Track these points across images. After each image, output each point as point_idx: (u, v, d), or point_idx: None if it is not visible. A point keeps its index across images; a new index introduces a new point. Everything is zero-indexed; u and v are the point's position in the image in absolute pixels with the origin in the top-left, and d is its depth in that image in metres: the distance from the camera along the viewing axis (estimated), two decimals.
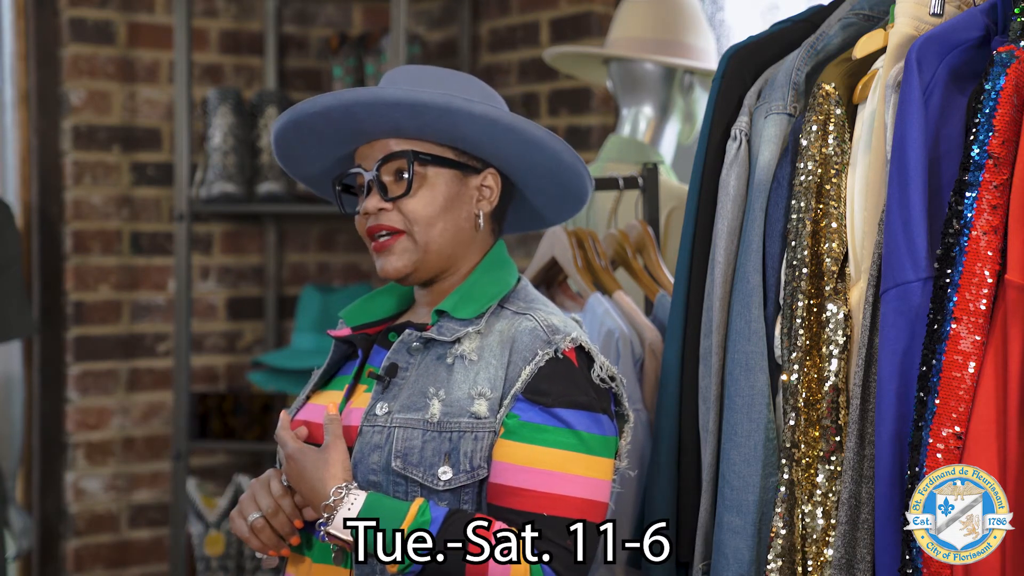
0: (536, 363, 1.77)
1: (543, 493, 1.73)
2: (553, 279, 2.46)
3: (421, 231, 1.82)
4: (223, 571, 3.72)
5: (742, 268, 1.92)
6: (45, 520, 3.81)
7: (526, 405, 1.76)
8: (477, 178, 1.86)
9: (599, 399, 1.79)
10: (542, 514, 1.73)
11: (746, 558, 1.88)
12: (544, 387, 1.76)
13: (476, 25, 3.97)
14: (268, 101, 3.81)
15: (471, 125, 1.80)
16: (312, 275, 4.17)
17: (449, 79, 1.87)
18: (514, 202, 1.94)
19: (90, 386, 3.85)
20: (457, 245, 1.85)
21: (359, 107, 1.80)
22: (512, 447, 1.75)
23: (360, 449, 1.78)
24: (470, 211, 1.86)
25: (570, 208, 1.96)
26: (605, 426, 1.79)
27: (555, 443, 1.75)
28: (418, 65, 1.90)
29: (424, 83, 1.84)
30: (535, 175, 1.89)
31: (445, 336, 1.81)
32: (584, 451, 1.76)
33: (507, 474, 1.75)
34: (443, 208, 1.83)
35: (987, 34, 1.74)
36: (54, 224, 3.79)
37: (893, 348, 1.69)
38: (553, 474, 1.74)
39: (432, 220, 1.82)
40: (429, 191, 1.82)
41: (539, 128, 1.83)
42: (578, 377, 1.78)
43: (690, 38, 2.99)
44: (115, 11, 3.83)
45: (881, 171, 1.78)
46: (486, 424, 1.76)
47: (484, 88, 1.89)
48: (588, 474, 1.76)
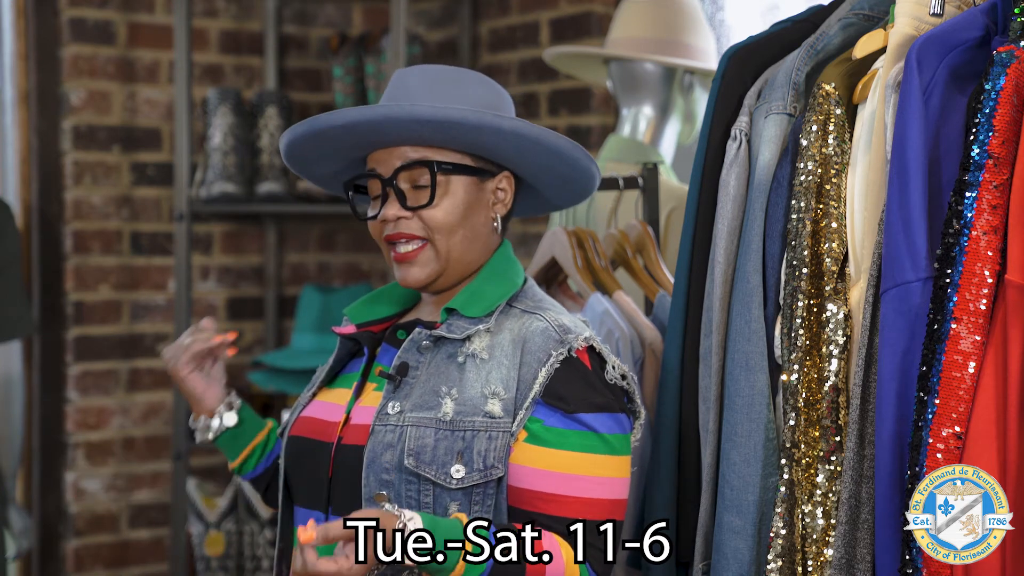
0: (551, 364, 1.78)
1: (575, 498, 1.75)
2: (553, 279, 2.46)
3: (442, 239, 1.82)
4: (223, 571, 3.72)
5: (742, 268, 1.92)
6: (45, 520, 3.81)
7: (548, 410, 1.77)
8: (493, 182, 1.86)
9: (616, 398, 1.81)
10: (577, 518, 1.74)
11: (746, 558, 1.88)
12: (562, 392, 1.77)
13: (476, 25, 3.97)
14: (268, 101, 3.81)
15: (498, 138, 1.81)
16: (312, 275, 4.17)
17: (465, 82, 1.86)
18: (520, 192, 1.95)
19: (90, 386, 3.85)
20: (476, 251, 1.86)
21: (388, 123, 1.79)
22: (540, 452, 1.76)
23: (372, 448, 1.78)
24: (487, 215, 1.86)
25: (577, 197, 1.98)
26: (624, 424, 1.81)
27: (582, 447, 1.76)
28: (431, 65, 1.89)
29: (441, 86, 1.84)
30: (549, 176, 1.90)
31: (455, 334, 1.81)
32: (610, 452, 1.78)
33: (536, 479, 1.76)
34: (463, 216, 1.83)
35: (987, 34, 1.74)
36: (54, 224, 3.79)
37: (893, 348, 1.69)
38: (584, 478, 1.76)
39: (453, 228, 1.83)
40: (450, 200, 1.82)
41: (560, 138, 1.84)
42: (593, 378, 1.79)
43: (690, 38, 2.99)
44: (115, 11, 3.83)
45: (881, 171, 1.78)
46: (500, 424, 1.76)
47: (495, 88, 1.89)
48: (615, 475, 1.78)
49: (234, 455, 2.02)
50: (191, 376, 1.98)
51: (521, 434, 1.77)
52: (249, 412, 2.03)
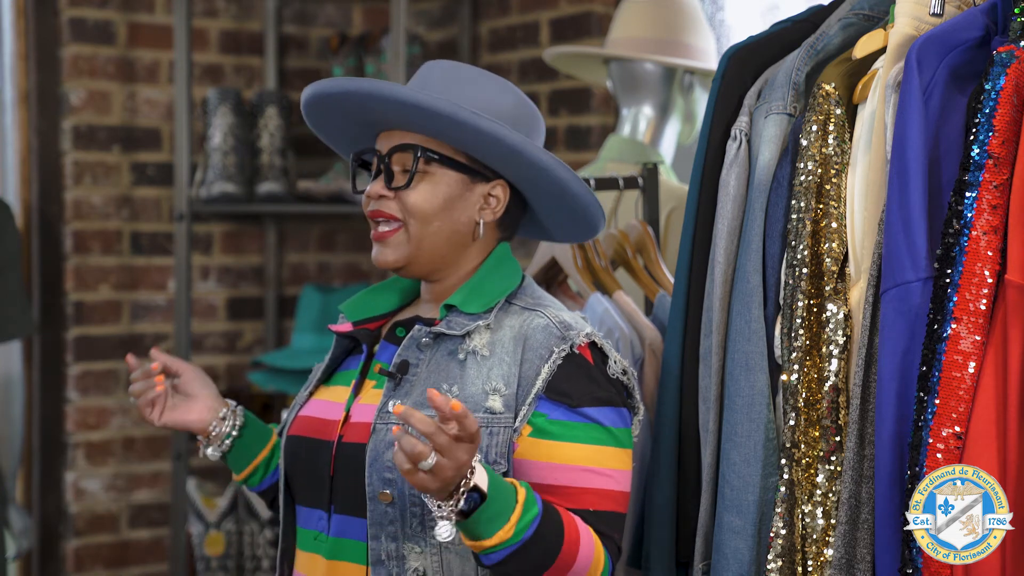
0: (553, 361, 1.78)
1: (586, 489, 1.76)
2: (553, 279, 2.46)
3: (416, 225, 1.83)
4: (223, 571, 3.72)
5: (742, 268, 1.92)
6: (45, 520, 3.81)
7: (551, 405, 1.78)
8: (485, 186, 1.86)
9: (618, 393, 1.82)
10: (589, 509, 1.75)
11: (746, 558, 1.88)
12: (565, 387, 1.78)
13: (476, 25, 3.97)
14: (268, 101, 3.81)
15: (478, 138, 1.80)
16: (312, 275, 4.17)
17: (481, 84, 1.86)
18: (529, 215, 1.94)
19: (90, 386, 3.84)
20: (452, 246, 1.86)
21: (372, 100, 1.82)
22: (547, 445, 1.77)
23: (375, 447, 1.78)
24: (471, 217, 1.86)
25: (581, 234, 1.97)
26: (626, 418, 1.82)
27: (589, 439, 1.77)
28: (460, 64, 1.89)
29: (457, 83, 1.84)
30: (543, 196, 1.89)
31: (455, 330, 1.82)
32: (616, 444, 1.79)
33: (544, 472, 1.77)
34: (442, 207, 1.83)
35: (987, 34, 1.74)
36: (54, 224, 3.79)
37: (893, 348, 1.69)
38: (592, 470, 1.76)
39: (428, 216, 1.83)
40: (430, 187, 1.83)
41: (546, 154, 1.83)
42: (595, 373, 1.80)
43: (690, 38, 2.99)
44: (115, 11, 3.83)
45: (881, 171, 1.78)
46: (502, 420, 1.77)
47: (522, 102, 1.88)
48: (621, 467, 1.80)
49: (238, 469, 2.01)
50: (165, 419, 1.94)
51: (525, 429, 1.77)
52: (252, 426, 2.00)
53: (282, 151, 3.81)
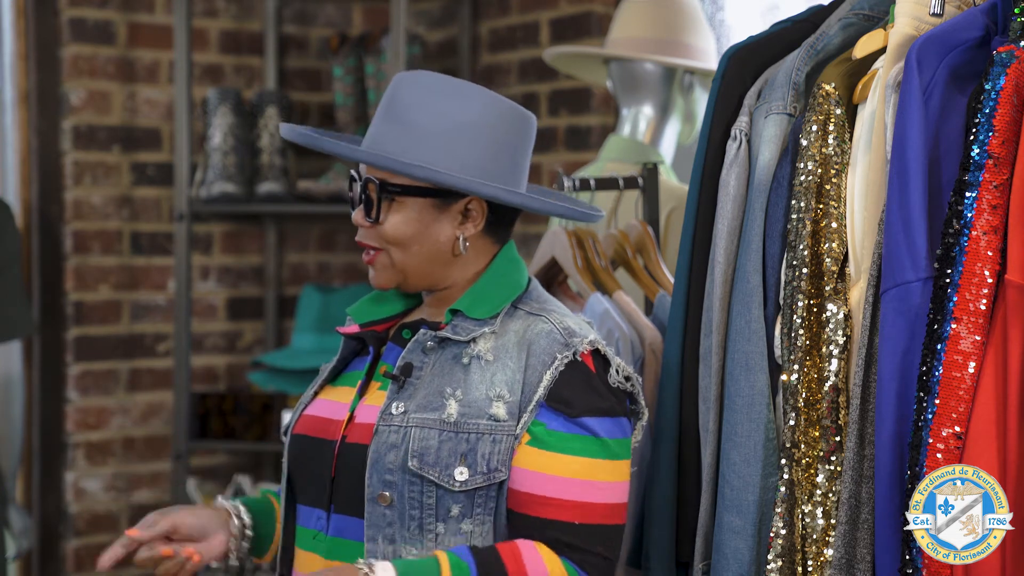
0: (556, 368, 1.78)
1: (574, 502, 1.76)
2: (553, 279, 2.46)
3: (396, 252, 1.84)
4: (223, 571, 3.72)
5: (742, 268, 1.92)
6: (45, 520, 3.81)
7: (551, 414, 1.78)
8: (459, 203, 1.84)
9: (618, 401, 1.82)
10: (573, 523, 1.76)
11: (746, 558, 1.88)
12: (566, 395, 1.78)
13: (476, 25, 3.97)
14: (268, 101, 3.81)
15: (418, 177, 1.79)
16: (312, 275, 4.17)
17: (448, 95, 1.83)
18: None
19: (90, 386, 3.84)
20: (438, 264, 1.85)
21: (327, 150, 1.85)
22: (540, 456, 1.77)
23: (376, 448, 1.78)
24: (450, 235, 1.84)
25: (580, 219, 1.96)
26: (625, 428, 1.82)
27: (583, 451, 1.77)
28: (427, 75, 1.87)
29: (421, 100, 1.82)
30: (513, 208, 1.88)
31: (460, 336, 1.82)
32: (609, 456, 1.79)
33: (536, 483, 1.77)
34: (416, 232, 1.83)
35: (987, 34, 1.74)
36: (54, 224, 3.79)
37: (893, 348, 1.69)
38: (583, 483, 1.77)
39: (405, 243, 1.83)
40: (401, 216, 1.83)
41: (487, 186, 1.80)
42: (596, 382, 1.80)
43: (690, 38, 2.99)
44: (115, 11, 3.83)
45: (881, 171, 1.78)
46: (505, 427, 1.77)
47: (485, 106, 1.84)
48: (613, 479, 1.79)
49: (261, 554, 1.99)
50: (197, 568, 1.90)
51: (524, 437, 1.78)
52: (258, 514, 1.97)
53: (282, 151, 3.81)
